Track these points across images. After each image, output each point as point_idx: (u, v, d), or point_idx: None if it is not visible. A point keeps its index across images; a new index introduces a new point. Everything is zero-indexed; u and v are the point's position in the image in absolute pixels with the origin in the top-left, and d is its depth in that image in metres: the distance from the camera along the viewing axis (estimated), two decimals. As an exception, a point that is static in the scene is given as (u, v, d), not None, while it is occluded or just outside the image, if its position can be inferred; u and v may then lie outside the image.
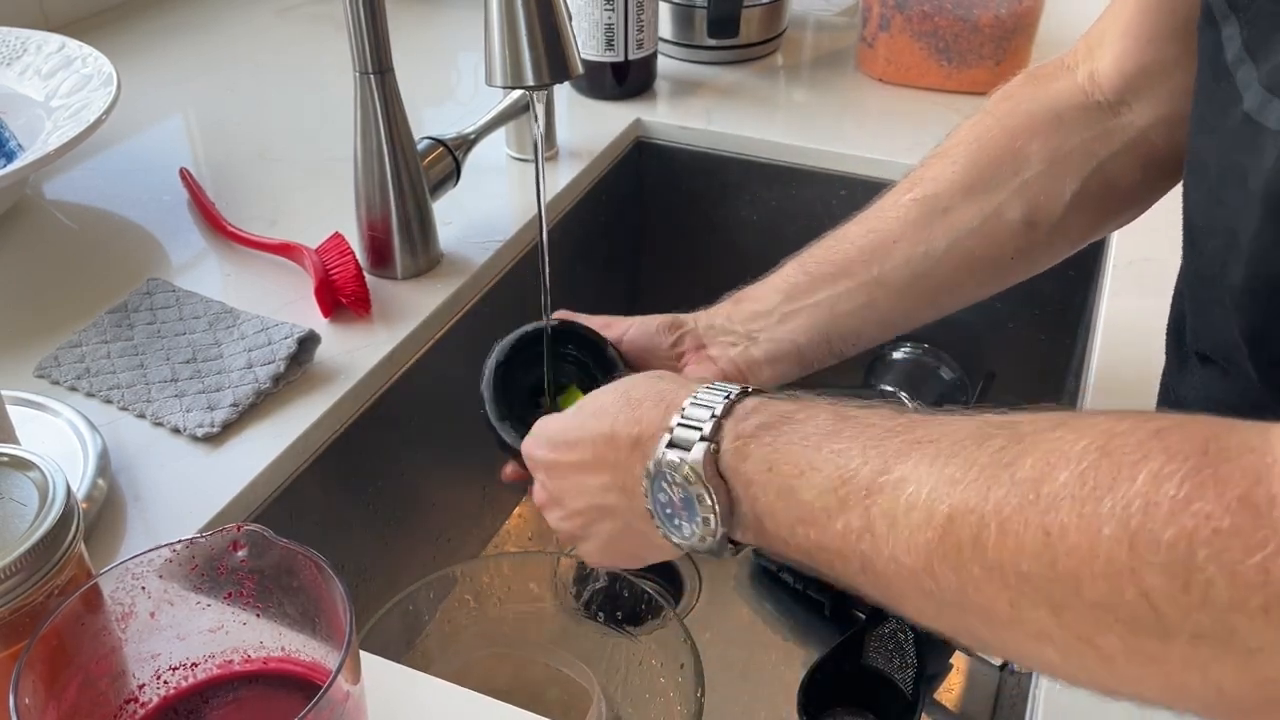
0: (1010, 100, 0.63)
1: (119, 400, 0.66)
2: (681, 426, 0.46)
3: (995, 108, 0.63)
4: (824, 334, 0.63)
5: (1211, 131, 0.46)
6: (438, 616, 0.69)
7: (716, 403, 0.45)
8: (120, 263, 0.81)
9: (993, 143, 0.61)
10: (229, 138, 0.99)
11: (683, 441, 0.45)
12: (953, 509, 0.35)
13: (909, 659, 0.77)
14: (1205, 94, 0.48)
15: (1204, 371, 0.50)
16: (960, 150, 0.62)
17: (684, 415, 0.46)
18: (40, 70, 0.91)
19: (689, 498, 0.45)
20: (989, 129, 0.62)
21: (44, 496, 0.41)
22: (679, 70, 1.12)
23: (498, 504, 0.96)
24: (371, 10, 0.70)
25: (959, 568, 0.35)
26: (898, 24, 1.05)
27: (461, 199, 0.86)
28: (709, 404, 0.46)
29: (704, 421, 0.45)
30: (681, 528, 0.46)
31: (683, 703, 0.63)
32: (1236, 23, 0.44)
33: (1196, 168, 0.48)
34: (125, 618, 0.42)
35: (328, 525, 0.71)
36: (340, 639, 0.39)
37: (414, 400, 0.77)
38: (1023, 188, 0.60)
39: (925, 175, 0.63)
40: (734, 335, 0.65)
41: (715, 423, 0.45)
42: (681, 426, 0.46)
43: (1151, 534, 0.29)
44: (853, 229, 0.64)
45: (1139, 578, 0.30)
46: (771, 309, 0.64)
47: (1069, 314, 0.95)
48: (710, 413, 0.45)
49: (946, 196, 0.61)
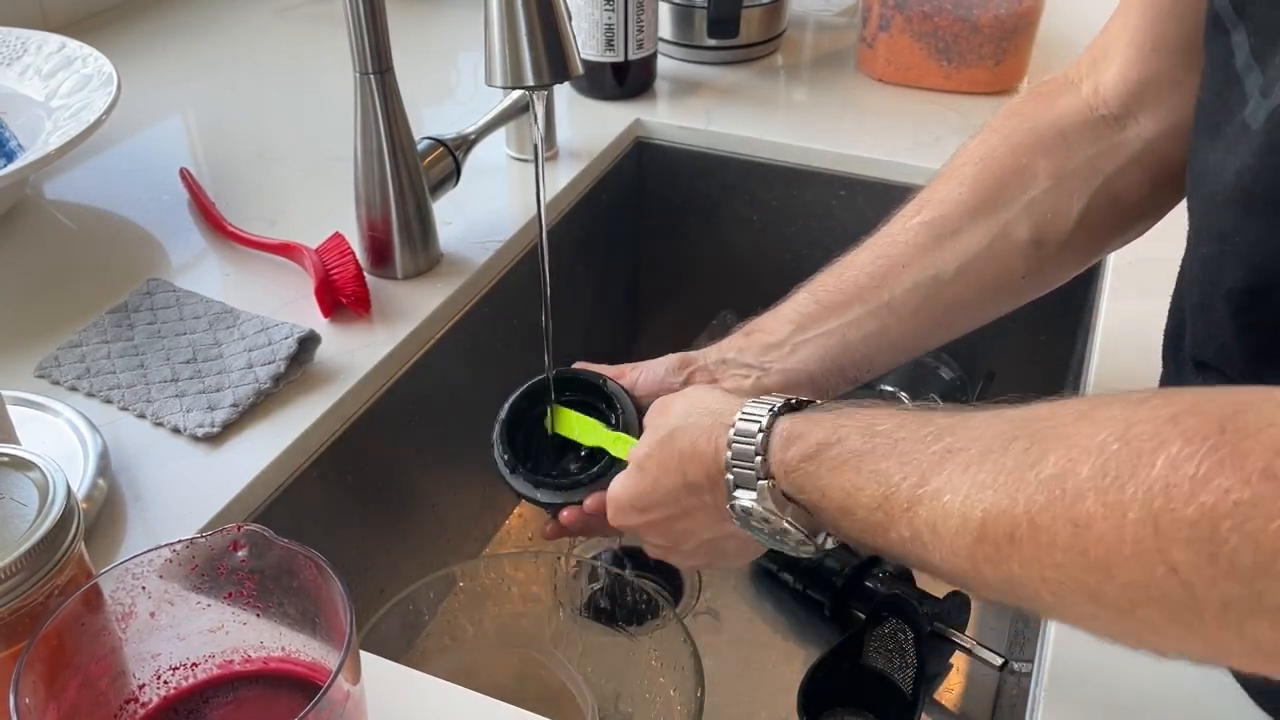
0: (1015, 117, 0.62)
1: (119, 400, 0.66)
2: (736, 468, 0.51)
3: (1001, 125, 0.63)
4: (836, 362, 0.64)
5: (1216, 137, 0.46)
6: (438, 616, 0.69)
7: (752, 438, 0.50)
8: (120, 263, 0.81)
9: (998, 162, 0.61)
10: (229, 138, 0.99)
11: (745, 482, 0.50)
12: (986, 513, 0.37)
13: (909, 659, 0.77)
14: (1211, 99, 0.47)
15: (1201, 379, 0.50)
16: (967, 171, 0.62)
17: (733, 455, 0.51)
18: (40, 70, 0.91)
19: (777, 530, 0.50)
20: (994, 148, 0.61)
21: (44, 496, 0.41)
22: (679, 70, 1.12)
23: (498, 504, 0.96)
24: (371, 10, 0.70)
25: (999, 565, 0.37)
26: (898, 24, 1.05)
27: (461, 199, 0.86)
28: (747, 440, 0.50)
29: (751, 462, 0.50)
30: (785, 545, 0.51)
31: (683, 703, 0.63)
32: (1245, 29, 0.44)
33: (1198, 173, 0.48)
34: (125, 618, 0.42)
35: (328, 525, 0.71)
36: (340, 639, 0.39)
37: (414, 400, 0.77)
38: (1029, 206, 0.60)
39: (933, 197, 0.63)
40: (746, 368, 0.65)
41: (762, 462, 0.49)
42: (736, 468, 0.51)
43: (1174, 513, 0.31)
44: (862, 255, 0.64)
45: (1167, 555, 0.31)
46: (783, 340, 0.64)
47: (1069, 314, 0.95)
48: (753, 449, 0.50)
49: (954, 219, 0.61)
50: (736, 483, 0.51)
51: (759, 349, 0.64)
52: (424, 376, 0.77)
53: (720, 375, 0.66)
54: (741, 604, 0.90)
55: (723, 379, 0.65)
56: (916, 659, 0.77)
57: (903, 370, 1.01)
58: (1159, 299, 0.58)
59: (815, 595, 0.87)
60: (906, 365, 1.01)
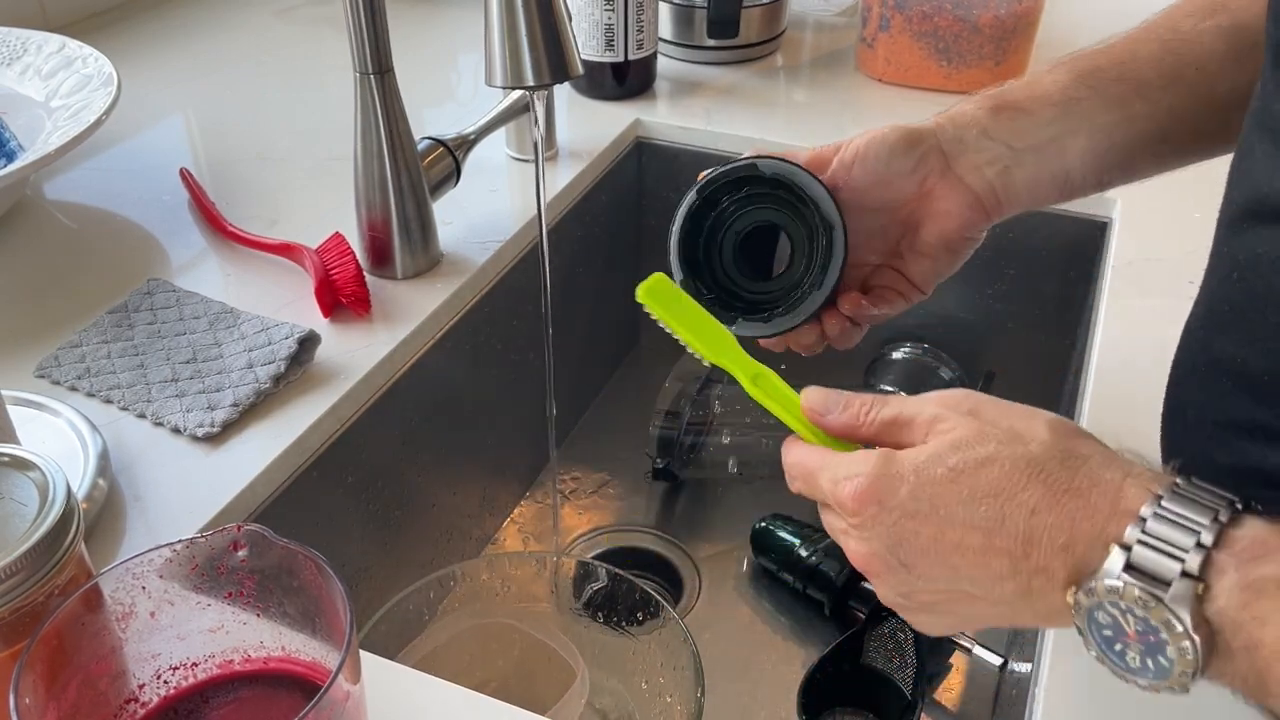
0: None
1: (119, 400, 0.66)
2: (1144, 546, 0.36)
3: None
4: (1102, 162, 0.55)
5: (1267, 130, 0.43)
6: (438, 616, 0.69)
7: (1201, 523, 0.36)
8: (120, 263, 0.81)
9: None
10: (229, 138, 0.99)
11: (1147, 566, 0.36)
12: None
13: (909, 659, 0.77)
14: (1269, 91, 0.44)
15: None
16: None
17: (1146, 530, 0.36)
18: (40, 70, 0.91)
19: (1155, 641, 0.36)
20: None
21: (44, 496, 0.41)
22: (679, 70, 1.12)
23: (498, 504, 0.96)
24: (371, 10, 0.70)
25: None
26: (897, 24, 1.05)
27: (461, 199, 0.87)
28: (1187, 522, 0.36)
29: (1184, 549, 0.36)
30: (1128, 659, 0.38)
31: (683, 703, 0.63)
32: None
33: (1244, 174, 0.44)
34: (125, 618, 0.42)
35: (328, 525, 0.71)
36: (340, 639, 0.39)
37: (414, 400, 0.77)
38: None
39: (1229, 4, 0.54)
40: (992, 152, 0.54)
41: (1205, 555, 0.35)
42: (1144, 546, 0.36)
43: None
44: (1144, 49, 0.55)
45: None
46: (1044, 124, 0.54)
47: (1069, 314, 0.95)
48: (1195, 539, 0.36)
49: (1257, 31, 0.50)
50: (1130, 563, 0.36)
51: (1011, 131, 0.54)
52: (424, 376, 0.77)
53: (956, 158, 0.55)
54: (741, 604, 0.90)
55: (958, 162, 0.55)
56: (916, 659, 0.77)
57: (903, 370, 1.01)
58: (1159, 299, 0.58)
59: (815, 595, 0.87)
60: (907, 365, 1.02)
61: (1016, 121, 0.54)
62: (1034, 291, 0.97)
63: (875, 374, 1.02)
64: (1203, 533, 0.36)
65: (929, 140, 0.55)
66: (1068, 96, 0.54)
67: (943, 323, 1.01)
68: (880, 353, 1.04)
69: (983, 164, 0.55)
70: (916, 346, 1.02)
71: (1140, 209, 0.87)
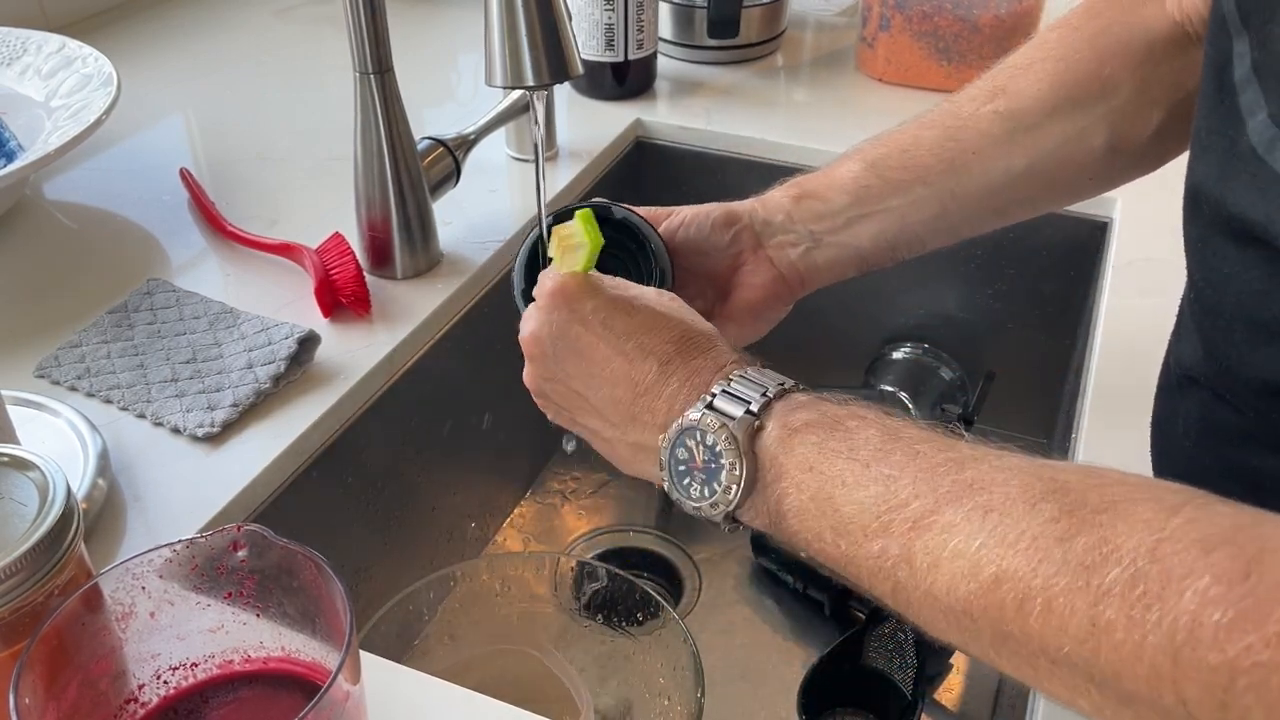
0: (1099, 20, 0.59)
1: (119, 400, 0.66)
2: (726, 395, 0.45)
3: (1083, 24, 0.60)
4: (891, 242, 0.61)
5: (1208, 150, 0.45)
6: (438, 616, 0.69)
7: (769, 385, 0.45)
8: (120, 263, 0.81)
9: (1081, 64, 0.58)
10: (229, 138, 0.99)
11: (724, 410, 0.45)
12: (1000, 572, 0.36)
13: (909, 659, 0.77)
14: (1206, 109, 0.46)
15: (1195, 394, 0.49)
16: (1047, 67, 0.59)
17: (730, 385, 0.46)
18: (40, 70, 0.91)
19: (715, 464, 0.45)
20: (1077, 50, 0.59)
21: (44, 496, 0.41)
22: (679, 70, 1.12)
23: (498, 504, 0.96)
24: (371, 10, 0.70)
25: (997, 624, 0.36)
26: (898, 24, 1.05)
27: (461, 199, 0.87)
28: (760, 384, 0.46)
29: (753, 398, 0.45)
30: (690, 488, 0.46)
31: (683, 703, 0.63)
32: (1248, 40, 0.42)
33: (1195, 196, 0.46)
34: (125, 618, 0.42)
35: (328, 525, 0.71)
36: (340, 639, 0.39)
37: (414, 400, 0.77)
38: (1109, 114, 0.58)
39: (1009, 87, 0.60)
40: (795, 235, 0.61)
41: (765, 402, 0.45)
42: (726, 395, 0.45)
43: (1195, 654, 0.30)
44: (928, 133, 0.61)
45: (1179, 688, 0.31)
46: (838, 211, 0.60)
47: (1069, 314, 0.95)
48: (761, 391, 0.45)
49: (1031, 115, 0.59)
50: (712, 404, 0.45)
51: (810, 216, 0.61)
52: (424, 376, 0.77)
53: (766, 239, 0.62)
54: (741, 604, 0.90)
55: (768, 244, 0.61)
56: (916, 659, 0.77)
57: (903, 370, 1.01)
58: (1159, 299, 0.58)
59: (815, 595, 0.87)
60: (907, 365, 1.02)
61: (815, 208, 0.61)
62: (1034, 291, 0.97)
63: (875, 374, 1.02)
64: (769, 388, 0.45)
65: (744, 220, 0.61)
66: (859, 184, 0.60)
67: (943, 323, 1.02)
68: (880, 353, 1.04)
69: (787, 245, 0.61)
70: (916, 346, 1.02)
71: (1140, 209, 0.87)
